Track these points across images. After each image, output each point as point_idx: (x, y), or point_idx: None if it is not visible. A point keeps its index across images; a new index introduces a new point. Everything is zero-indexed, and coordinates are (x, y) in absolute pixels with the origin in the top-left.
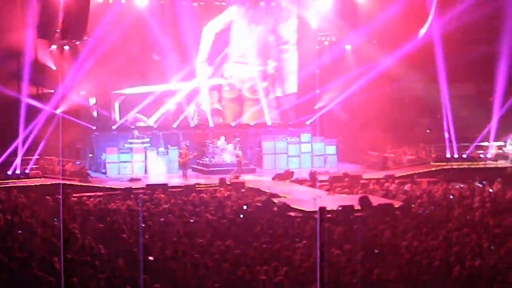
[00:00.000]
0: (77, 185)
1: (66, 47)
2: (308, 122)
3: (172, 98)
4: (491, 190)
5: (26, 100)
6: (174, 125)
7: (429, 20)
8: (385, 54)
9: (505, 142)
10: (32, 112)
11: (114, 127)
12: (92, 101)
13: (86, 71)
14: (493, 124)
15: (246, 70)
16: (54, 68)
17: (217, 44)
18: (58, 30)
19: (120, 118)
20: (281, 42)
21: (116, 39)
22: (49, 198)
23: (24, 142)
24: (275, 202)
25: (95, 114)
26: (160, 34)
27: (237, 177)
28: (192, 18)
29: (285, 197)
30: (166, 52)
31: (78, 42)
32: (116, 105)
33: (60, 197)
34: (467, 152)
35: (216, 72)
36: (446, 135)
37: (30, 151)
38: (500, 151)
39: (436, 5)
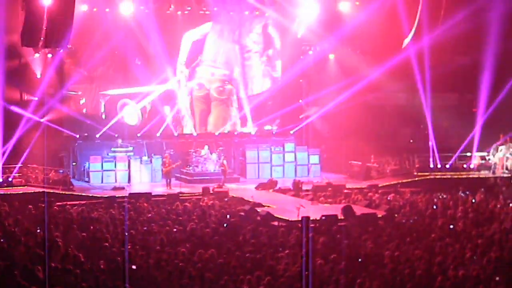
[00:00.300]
0: (60, 193)
1: (49, 55)
2: (292, 132)
3: (148, 97)
4: (473, 200)
5: (9, 107)
6: (158, 134)
7: (413, 31)
8: (369, 64)
9: (488, 152)
10: (15, 119)
11: (98, 135)
12: (82, 100)
13: (70, 78)
14: (476, 135)
15: (215, 73)
16: (38, 76)
17: (194, 50)
18: (42, 38)
19: (106, 114)
20: (244, 51)
21: (101, 45)
22: (31, 206)
23: (5, 150)
24: (258, 211)
25: (84, 110)
26: (144, 41)
27: (220, 186)
28: (175, 25)
29: (268, 206)
30: (148, 57)
31: (61, 50)
32: (102, 102)
33: (43, 205)
34: (450, 162)
35: (192, 75)
36: (430, 144)
37: (12, 159)
38: (483, 161)
39: (420, 16)
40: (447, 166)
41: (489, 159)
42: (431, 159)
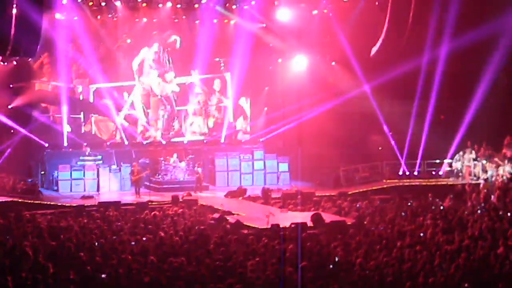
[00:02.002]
0: (29, 202)
1: (14, 62)
2: (261, 139)
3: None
4: (442, 207)
5: None
6: (126, 142)
7: (380, 39)
8: (339, 72)
9: (454, 159)
10: None
11: (65, 143)
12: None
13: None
14: (447, 142)
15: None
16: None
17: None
18: (9, 47)
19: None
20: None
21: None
22: None
23: None
24: (228, 220)
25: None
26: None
27: (190, 195)
28: (140, 32)
29: (238, 214)
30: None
31: (30, 59)
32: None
33: (12, 214)
34: (419, 169)
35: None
36: (392, 143)
37: None
38: (451, 168)
39: (388, 24)
40: (416, 173)
41: (454, 166)
42: (400, 167)
